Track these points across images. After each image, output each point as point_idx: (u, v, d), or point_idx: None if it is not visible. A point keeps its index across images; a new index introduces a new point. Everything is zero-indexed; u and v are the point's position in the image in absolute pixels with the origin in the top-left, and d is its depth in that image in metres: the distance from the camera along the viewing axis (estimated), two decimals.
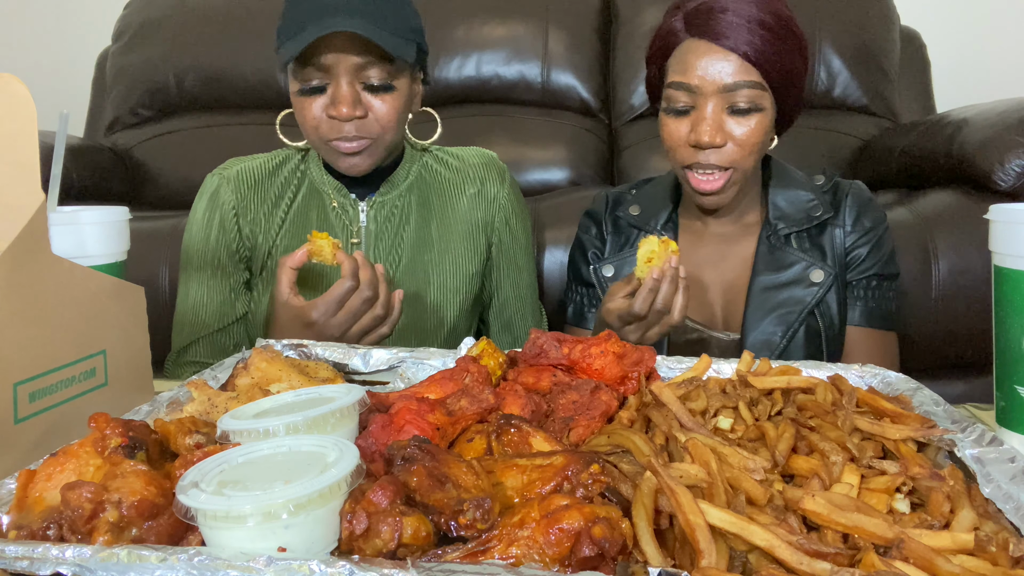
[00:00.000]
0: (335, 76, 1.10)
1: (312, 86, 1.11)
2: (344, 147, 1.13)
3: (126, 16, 2.33)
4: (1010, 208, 0.75)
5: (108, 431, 0.58)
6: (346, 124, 1.11)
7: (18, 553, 0.47)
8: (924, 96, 2.25)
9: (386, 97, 1.12)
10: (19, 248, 0.66)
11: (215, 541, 0.48)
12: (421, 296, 1.22)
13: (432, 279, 1.23)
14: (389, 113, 1.12)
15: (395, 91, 1.13)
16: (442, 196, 1.27)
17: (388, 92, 1.12)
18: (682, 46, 1.08)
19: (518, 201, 1.33)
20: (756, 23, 1.04)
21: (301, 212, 1.24)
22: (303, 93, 1.13)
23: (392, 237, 1.23)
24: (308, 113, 1.13)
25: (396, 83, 1.12)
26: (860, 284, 1.15)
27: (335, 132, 1.12)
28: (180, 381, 0.84)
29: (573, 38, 2.20)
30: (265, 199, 1.24)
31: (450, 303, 1.24)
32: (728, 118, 1.05)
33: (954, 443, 0.62)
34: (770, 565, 0.47)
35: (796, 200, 1.17)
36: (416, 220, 1.24)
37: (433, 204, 1.26)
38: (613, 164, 2.20)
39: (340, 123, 1.11)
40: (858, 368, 0.83)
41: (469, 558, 0.47)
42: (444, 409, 0.65)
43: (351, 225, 1.22)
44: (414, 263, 1.23)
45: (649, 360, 0.78)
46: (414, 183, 1.26)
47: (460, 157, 1.31)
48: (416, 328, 1.21)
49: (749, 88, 1.04)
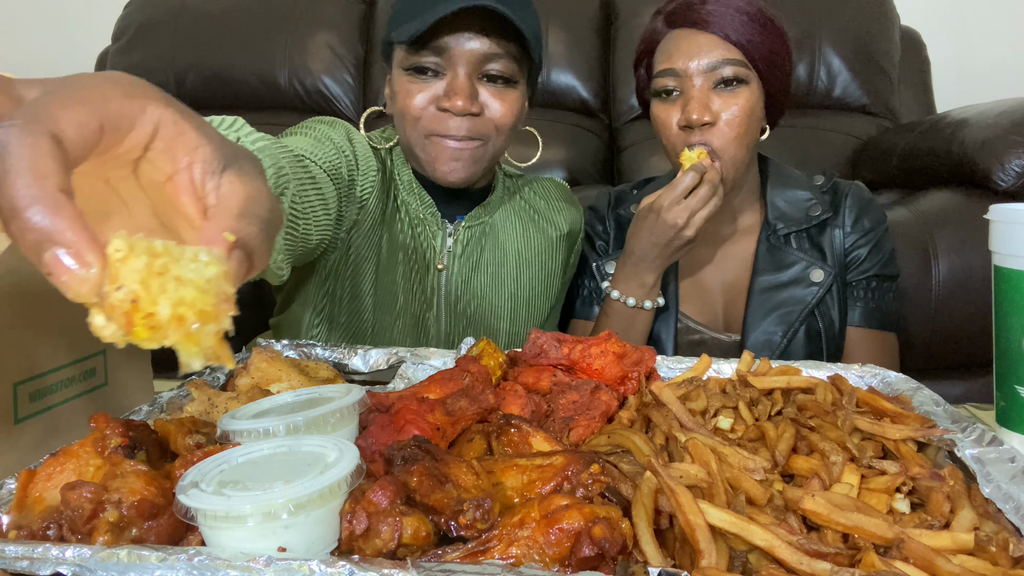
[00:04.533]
0: (453, 64, 0.98)
1: (424, 65, 0.99)
2: (451, 145, 1.00)
3: (126, 16, 2.33)
4: (1010, 208, 0.75)
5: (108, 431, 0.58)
6: (456, 119, 1.00)
7: (18, 553, 0.47)
8: (924, 96, 2.25)
9: (507, 95, 1.01)
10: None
11: (215, 541, 0.48)
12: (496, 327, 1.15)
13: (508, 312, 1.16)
14: (507, 114, 1.01)
15: (517, 90, 1.02)
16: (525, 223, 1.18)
17: (510, 88, 1.01)
18: (665, 39, 1.11)
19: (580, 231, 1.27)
20: (735, 10, 1.06)
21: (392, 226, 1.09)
22: (411, 72, 1.00)
23: (477, 265, 1.13)
24: (412, 100, 1.00)
25: (516, 81, 1.01)
26: (860, 285, 1.15)
27: (442, 127, 1.00)
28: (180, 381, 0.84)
29: (573, 38, 2.20)
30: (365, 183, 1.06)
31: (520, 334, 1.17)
32: (715, 96, 1.06)
33: (954, 443, 0.62)
34: (770, 565, 0.47)
35: (795, 200, 1.17)
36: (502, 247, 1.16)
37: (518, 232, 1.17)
38: (613, 164, 2.20)
39: (449, 117, 1.00)
40: (858, 368, 0.83)
41: (469, 558, 0.47)
42: (444, 409, 0.65)
43: (437, 247, 1.10)
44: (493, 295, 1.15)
45: (649, 360, 0.78)
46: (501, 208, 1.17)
47: (547, 191, 1.24)
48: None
49: (733, 65, 1.06)
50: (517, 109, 1.03)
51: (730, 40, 1.06)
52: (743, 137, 1.07)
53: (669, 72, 1.07)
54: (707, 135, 1.06)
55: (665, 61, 1.08)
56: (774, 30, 1.09)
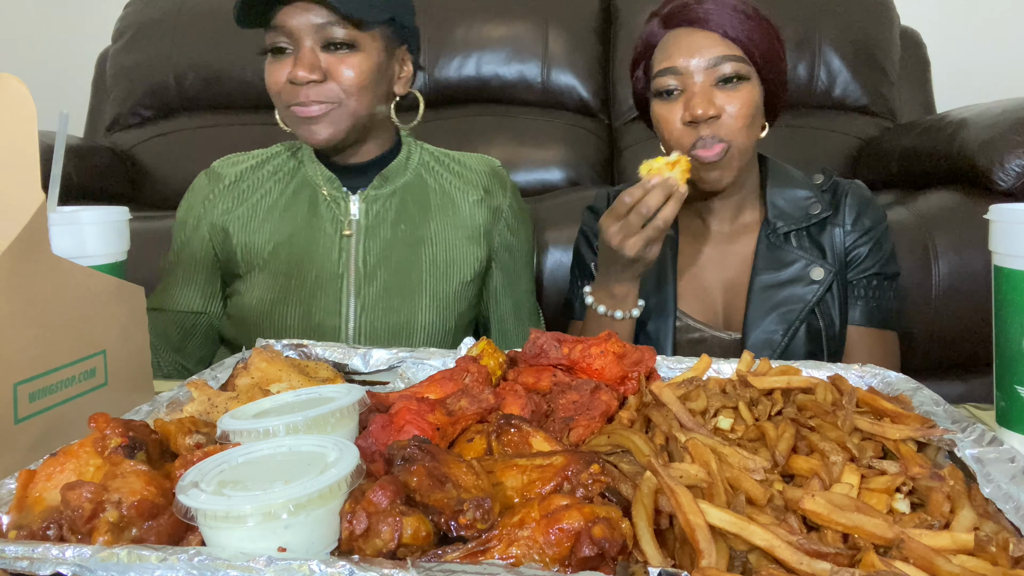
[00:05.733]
0: (296, 39, 1.08)
1: (277, 45, 1.10)
2: (301, 112, 1.10)
3: (126, 16, 2.33)
4: (1010, 208, 0.75)
5: (108, 431, 0.58)
6: (302, 88, 1.09)
7: (18, 553, 0.47)
8: (924, 96, 2.25)
9: (348, 59, 1.09)
10: (19, 248, 0.66)
11: (215, 541, 0.48)
12: (414, 296, 1.20)
13: (426, 279, 1.21)
14: (351, 78, 1.09)
15: (359, 52, 1.10)
16: (443, 198, 1.25)
17: (351, 52, 1.09)
18: (663, 39, 1.11)
19: (521, 211, 1.32)
20: (731, 9, 1.07)
21: (290, 205, 1.21)
22: (269, 55, 1.11)
23: (385, 232, 1.21)
24: (270, 79, 1.11)
25: (361, 44, 1.10)
26: (860, 284, 1.15)
27: (294, 97, 1.10)
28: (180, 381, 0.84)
29: (573, 38, 2.20)
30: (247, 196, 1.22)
31: (444, 306, 1.22)
32: (718, 92, 1.06)
33: (954, 443, 0.62)
34: (770, 565, 0.47)
35: (794, 198, 1.17)
36: (413, 218, 1.23)
37: (432, 204, 1.24)
38: (613, 164, 2.20)
39: (299, 88, 1.09)
40: (858, 368, 0.83)
41: (469, 558, 0.47)
42: (444, 409, 0.65)
43: (342, 217, 1.20)
44: (408, 261, 1.21)
45: (649, 360, 0.78)
46: (412, 181, 1.25)
47: (464, 163, 1.30)
48: (408, 328, 1.20)
49: (733, 62, 1.06)
50: (366, 69, 1.10)
51: (729, 37, 1.06)
52: (748, 128, 1.08)
53: (670, 71, 1.07)
54: (714, 128, 1.06)
55: (665, 60, 1.08)
56: (769, 28, 1.09)
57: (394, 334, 1.19)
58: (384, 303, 1.18)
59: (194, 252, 1.23)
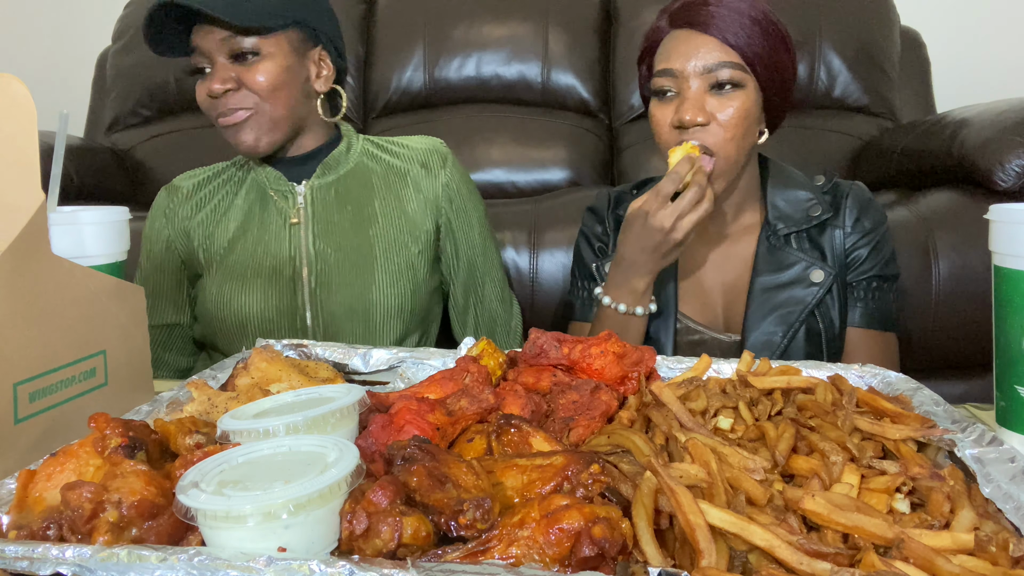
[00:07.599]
0: (211, 57, 1.15)
1: (199, 66, 1.17)
2: (225, 121, 1.17)
3: (126, 16, 2.32)
4: (1010, 208, 0.75)
5: (108, 431, 0.58)
6: (222, 99, 1.16)
7: (18, 553, 0.47)
8: (924, 96, 2.24)
9: (258, 66, 1.15)
10: (19, 248, 0.66)
11: (215, 541, 0.48)
12: (365, 271, 1.24)
13: (377, 254, 1.25)
14: (261, 83, 1.15)
15: (264, 59, 1.15)
16: (385, 178, 1.29)
17: (259, 59, 1.15)
18: (667, 38, 1.11)
19: (463, 182, 1.34)
20: (737, 13, 1.06)
21: (243, 205, 1.28)
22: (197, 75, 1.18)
23: (332, 216, 1.25)
24: (198, 97, 1.18)
25: (266, 50, 1.15)
26: (860, 285, 1.15)
27: (215, 110, 1.17)
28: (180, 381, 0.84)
29: (573, 38, 2.20)
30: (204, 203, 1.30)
31: (395, 278, 1.25)
32: (711, 98, 1.06)
33: (954, 443, 0.62)
34: (770, 565, 0.47)
35: (795, 200, 1.17)
36: (358, 200, 1.27)
37: (376, 185, 1.28)
38: (613, 164, 2.19)
39: (218, 100, 1.16)
40: (858, 368, 0.83)
41: (469, 558, 0.47)
42: (444, 409, 0.65)
43: (290, 208, 1.25)
44: (357, 239, 1.25)
45: (649, 360, 0.78)
46: (355, 169, 1.29)
47: (404, 144, 1.34)
48: (363, 300, 1.23)
49: (730, 68, 1.05)
50: (275, 72, 1.16)
51: (728, 43, 1.05)
52: (738, 139, 1.07)
53: (666, 72, 1.08)
54: (700, 135, 1.06)
55: (664, 61, 1.09)
56: (777, 34, 1.08)
57: (351, 308, 1.22)
58: (337, 279, 1.23)
59: (161, 264, 1.29)
